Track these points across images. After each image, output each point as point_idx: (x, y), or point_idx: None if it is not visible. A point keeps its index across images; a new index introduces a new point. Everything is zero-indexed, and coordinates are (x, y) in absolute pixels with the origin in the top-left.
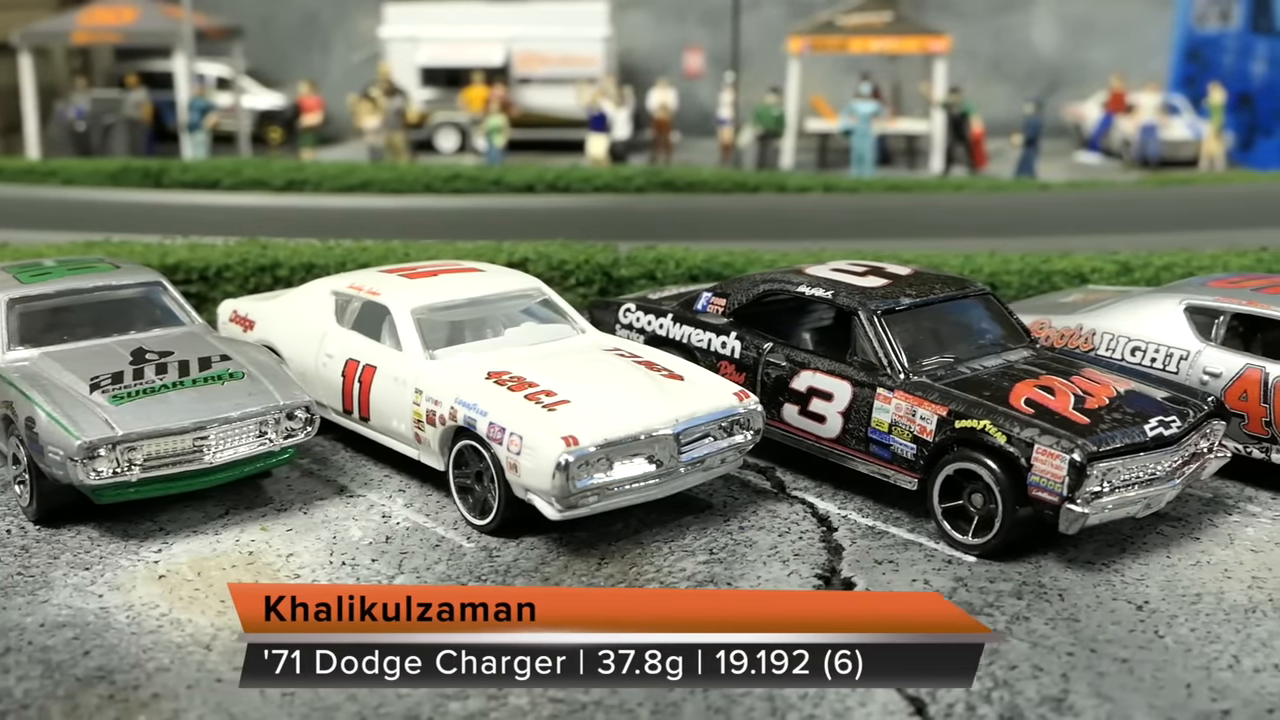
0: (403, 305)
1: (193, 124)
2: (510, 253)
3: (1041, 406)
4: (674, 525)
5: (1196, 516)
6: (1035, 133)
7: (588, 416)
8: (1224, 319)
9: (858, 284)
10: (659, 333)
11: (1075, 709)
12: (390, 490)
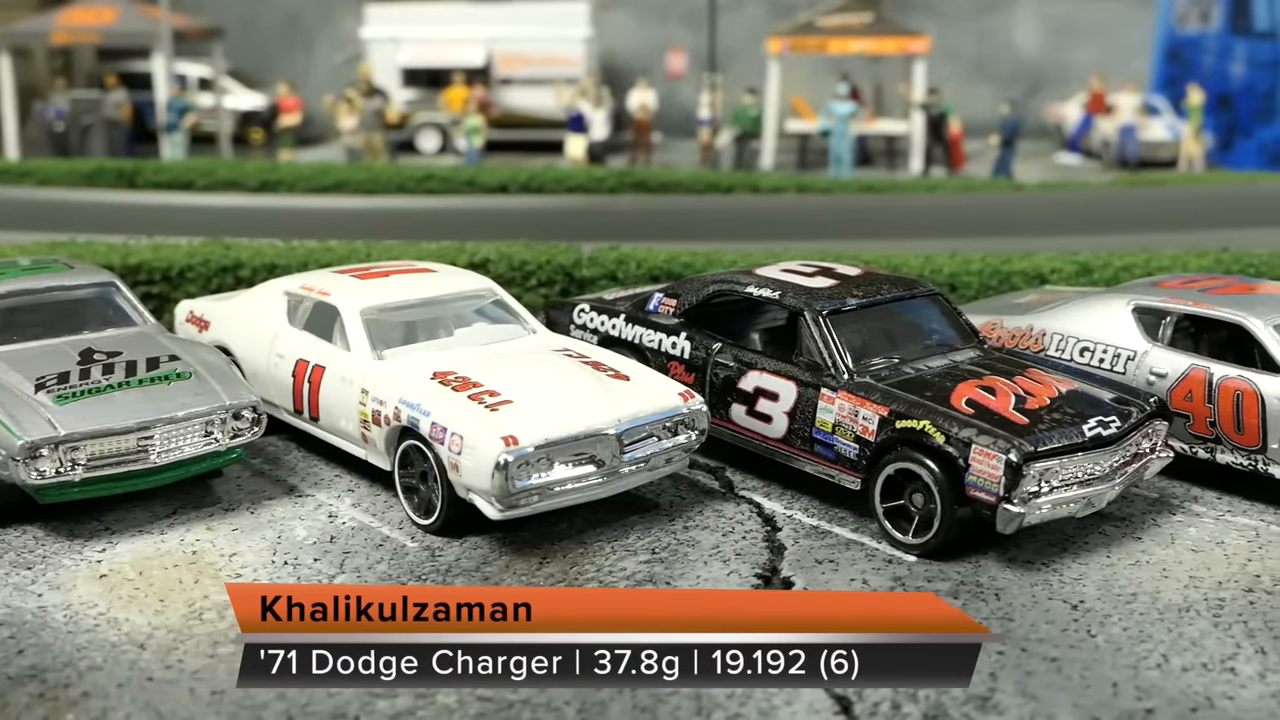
0: (351, 305)
1: (171, 124)
2: (472, 253)
3: (982, 407)
4: (618, 525)
5: (1140, 516)
6: (1012, 133)
7: (529, 416)
8: (1171, 320)
9: (805, 285)
10: (612, 333)
11: (1000, 707)
12: (339, 490)
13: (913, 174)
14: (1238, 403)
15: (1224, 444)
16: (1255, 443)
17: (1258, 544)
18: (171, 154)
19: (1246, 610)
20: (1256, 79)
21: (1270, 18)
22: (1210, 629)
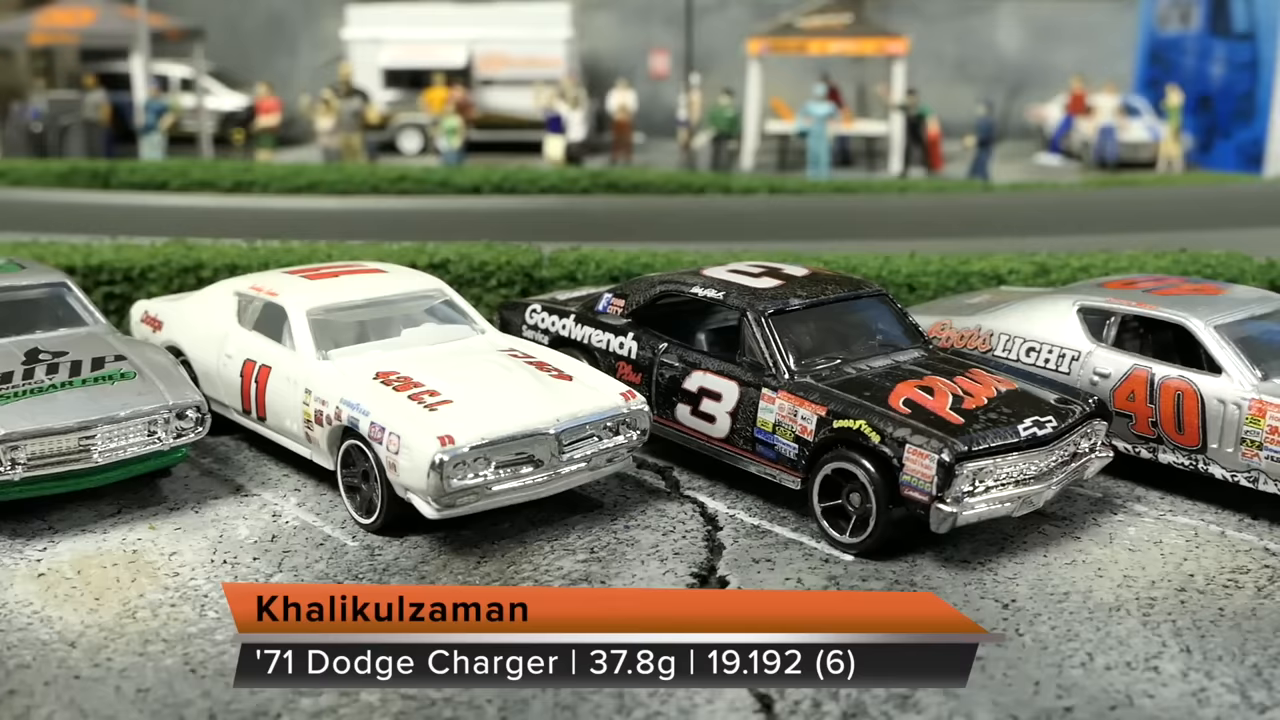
0: (298, 306)
1: (148, 125)
2: (433, 254)
3: (919, 407)
4: (560, 524)
5: (1082, 516)
6: (988, 134)
7: (466, 416)
8: (1115, 320)
9: (750, 285)
10: (562, 334)
11: (919, 706)
12: (285, 490)
13: (892, 175)
14: (1178, 403)
15: (1165, 444)
16: (1195, 443)
17: (1195, 543)
18: (149, 155)
19: (1177, 609)
20: (1235, 80)
21: (1249, 19)
22: (1138, 628)
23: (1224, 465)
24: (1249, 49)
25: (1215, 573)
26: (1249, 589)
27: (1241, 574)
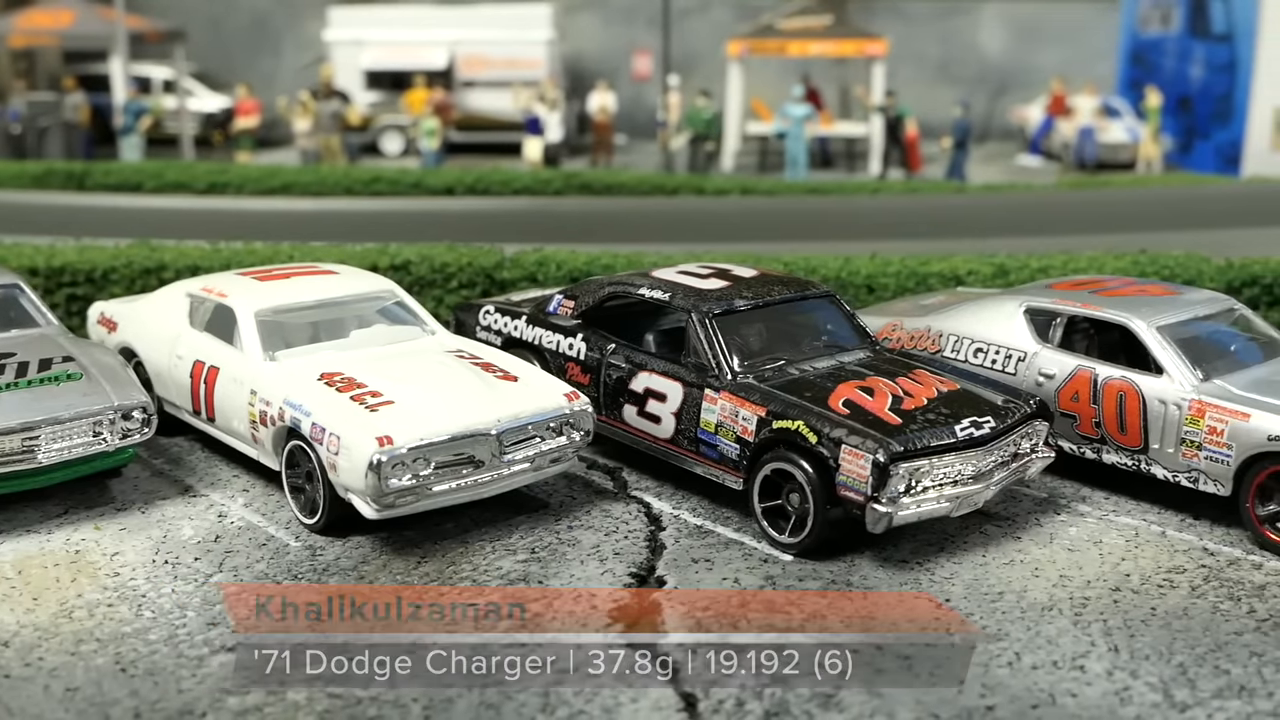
0: (246, 307)
1: (126, 127)
2: (394, 255)
3: (858, 407)
4: (503, 524)
5: (1025, 516)
6: (964, 135)
7: (406, 417)
8: (1061, 321)
9: (696, 286)
10: (514, 335)
11: (843, 705)
12: (234, 490)
13: (872, 176)
14: (1120, 403)
15: (1109, 444)
16: (1137, 443)
17: (1135, 543)
18: (128, 156)
19: (1109, 609)
20: (1214, 81)
21: (1227, 20)
22: (1069, 627)
23: (1165, 466)
24: (1227, 50)
25: (1151, 572)
26: (1183, 589)
27: (1177, 574)
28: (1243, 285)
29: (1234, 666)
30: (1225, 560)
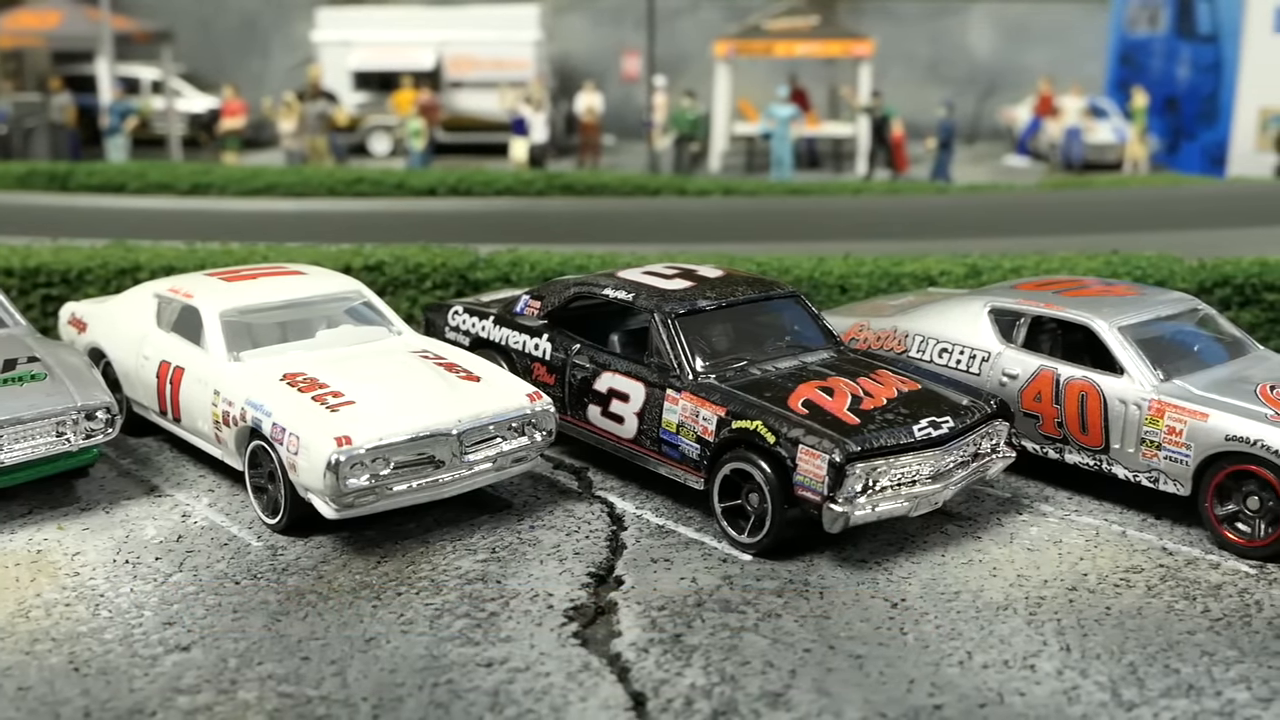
0: (211, 307)
1: (112, 127)
2: (368, 256)
3: (817, 407)
4: (466, 524)
5: (986, 515)
6: (948, 135)
7: (366, 417)
8: (1025, 321)
9: (659, 287)
10: (482, 335)
11: (791, 704)
12: (199, 490)
13: (858, 176)
14: (1082, 403)
15: (1071, 444)
16: (1098, 443)
17: (1095, 543)
18: (114, 157)
19: (1064, 609)
20: (1200, 82)
21: (1212, 20)
22: (1022, 626)
23: (1126, 465)
24: (1213, 51)
25: (1109, 572)
26: (1139, 588)
27: (1135, 573)
28: (1214, 286)
29: (1184, 666)
30: (1183, 560)
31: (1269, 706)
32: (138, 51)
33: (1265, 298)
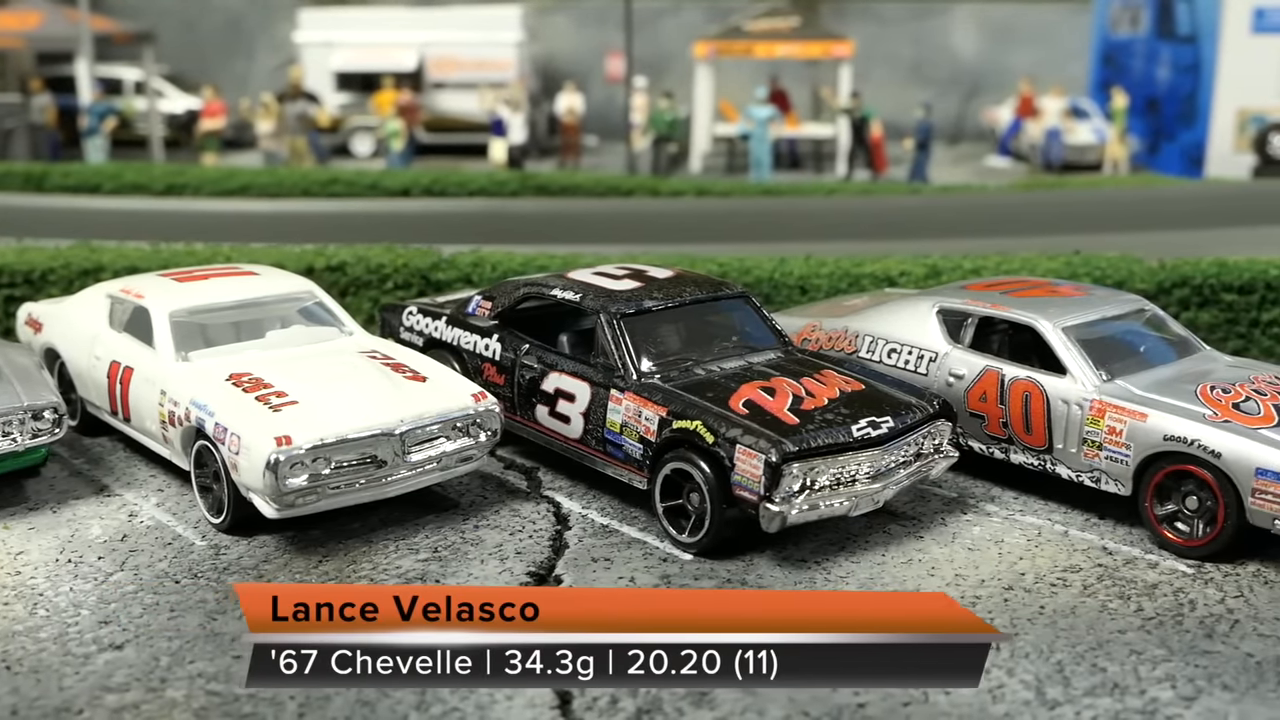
0: (161, 308)
1: (91, 128)
2: (330, 256)
3: (757, 407)
4: (410, 523)
5: (931, 515)
6: (926, 136)
7: (308, 417)
8: (972, 321)
9: (607, 287)
10: (435, 335)
11: (715, 702)
12: (149, 490)
13: (839, 177)
14: (1026, 403)
15: (1016, 444)
16: (1042, 443)
17: (1036, 543)
18: (93, 158)
19: (998, 608)
20: (1179, 83)
21: (1191, 21)
22: None
23: (1069, 465)
24: (1192, 52)
25: (1047, 571)
26: (1075, 587)
27: (1072, 573)
28: (1173, 286)
29: (1111, 664)
30: (1122, 560)
31: (1191, 705)
32: (121, 52)
33: (1223, 298)
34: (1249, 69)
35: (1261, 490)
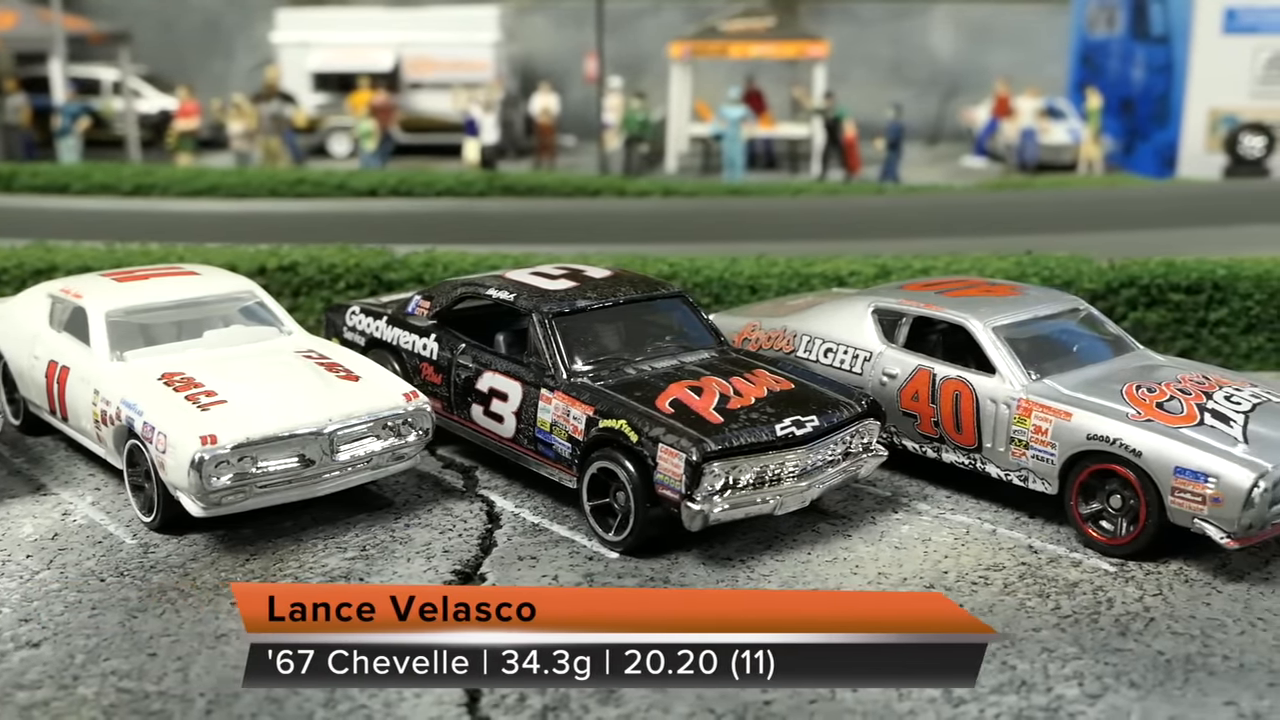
0: (98, 307)
1: (64, 129)
2: (283, 256)
3: (683, 406)
4: (342, 522)
5: (862, 514)
6: (897, 137)
7: (235, 416)
8: (907, 321)
9: (541, 287)
10: (376, 335)
11: (621, 700)
12: (86, 489)
13: (813, 177)
14: (956, 402)
15: (947, 443)
16: (972, 442)
17: (963, 541)
18: (66, 158)
19: None
20: (1153, 83)
21: (1164, 21)
22: None
23: (997, 464)
24: (1165, 52)
25: (970, 569)
26: (996, 586)
27: (995, 571)
28: (1121, 286)
29: (1021, 662)
30: (1046, 558)
31: (1095, 703)
32: (99, 53)
33: (1170, 298)
34: (1220, 69)
35: (1180, 489)
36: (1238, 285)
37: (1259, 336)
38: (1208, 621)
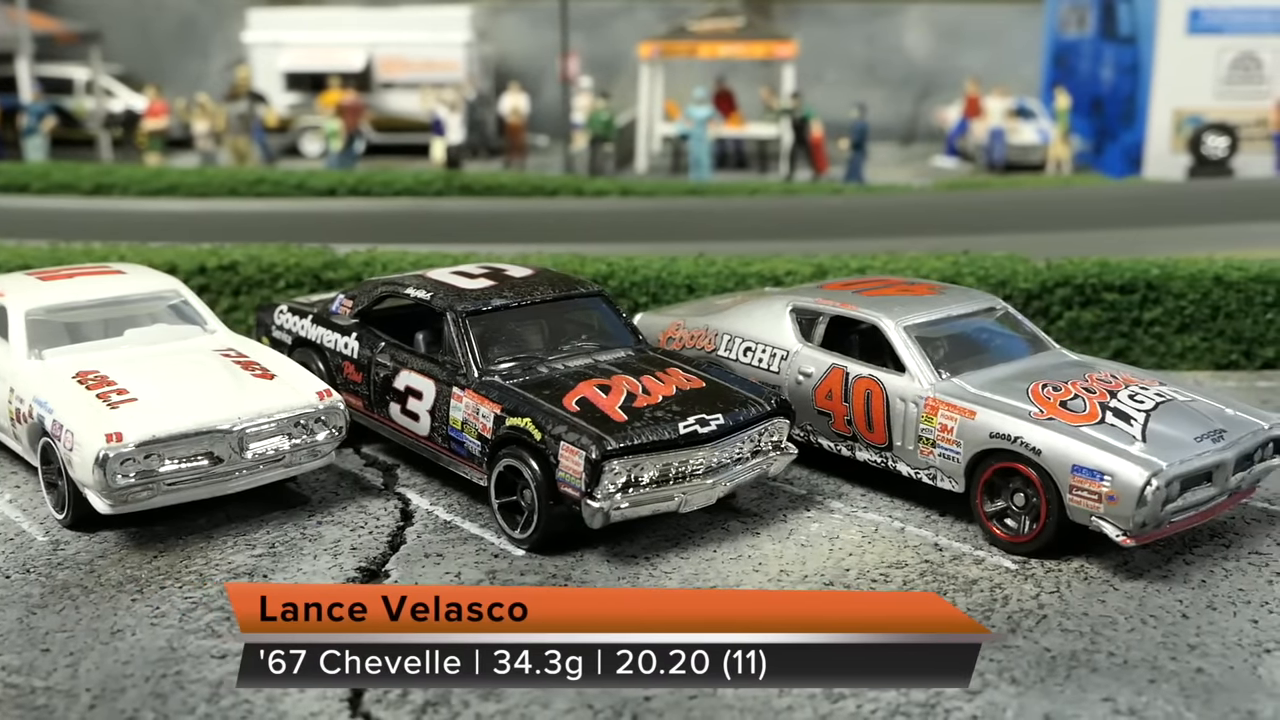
0: (18, 306)
1: (30, 128)
2: (223, 256)
3: (590, 405)
4: (255, 519)
5: (774, 512)
6: (861, 137)
7: (143, 414)
8: (824, 320)
9: (459, 286)
10: (301, 334)
11: (501, 695)
12: (5, 486)
13: (781, 177)
14: (868, 401)
15: (859, 442)
16: (883, 440)
17: (870, 539)
18: (32, 157)
19: None
20: (1121, 83)
21: (1132, 22)
22: None
23: (907, 463)
24: (1132, 52)
25: (872, 567)
26: (895, 583)
27: (897, 569)
28: (1056, 286)
29: None
30: (950, 556)
31: (974, 699)
32: (72, 52)
33: (1105, 297)
34: (1184, 70)
35: (1078, 487)
36: (1171, 285)
37: (1193, 336)
38: (1099, 619)
